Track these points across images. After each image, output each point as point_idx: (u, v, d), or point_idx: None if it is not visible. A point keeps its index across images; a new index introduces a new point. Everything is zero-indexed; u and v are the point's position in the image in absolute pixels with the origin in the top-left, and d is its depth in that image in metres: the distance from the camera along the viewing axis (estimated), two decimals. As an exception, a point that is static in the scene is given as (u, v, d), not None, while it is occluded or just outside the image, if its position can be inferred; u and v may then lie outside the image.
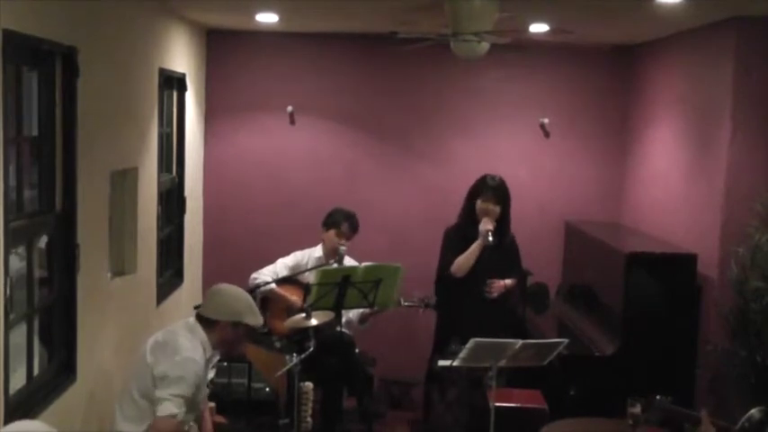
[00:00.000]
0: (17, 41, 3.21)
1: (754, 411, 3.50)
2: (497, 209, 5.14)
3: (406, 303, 5.42)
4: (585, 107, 6.96)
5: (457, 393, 4.95)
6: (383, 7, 5.21)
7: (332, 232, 5.64)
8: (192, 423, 3.93)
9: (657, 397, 3.72)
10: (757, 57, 5.06)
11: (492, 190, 5.15)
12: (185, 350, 3.76)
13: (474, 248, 5.11)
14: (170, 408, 3.64)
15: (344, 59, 6.93)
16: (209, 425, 4.15)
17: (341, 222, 5.63)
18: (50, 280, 3.90)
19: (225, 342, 3.91)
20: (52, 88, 3.80)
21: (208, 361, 3.95)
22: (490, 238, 5.03)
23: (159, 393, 3.67)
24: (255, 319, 3.92)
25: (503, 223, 5.19)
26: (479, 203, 5.15)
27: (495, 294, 5.14)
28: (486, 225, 5.06)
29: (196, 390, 3.79)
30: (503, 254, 5.22)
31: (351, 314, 5.57)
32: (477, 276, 5.14)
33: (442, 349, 5.15)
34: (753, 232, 4.74)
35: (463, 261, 5.13)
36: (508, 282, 5.22)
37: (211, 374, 4.71)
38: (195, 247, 6.75)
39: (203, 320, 3.89)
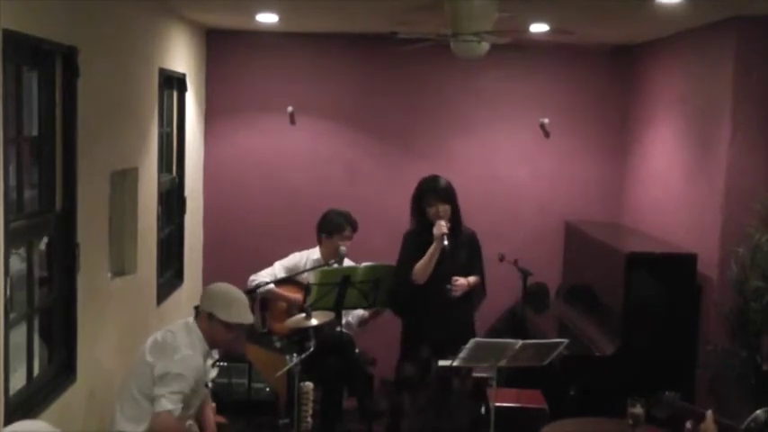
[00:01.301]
0: (17, 41, 3.21)
1: (759, 412, 3.49)
2: (447, 208, 4.98)
3: None
4: (585, 107, 6.96)
5: (427, 398, 4.92)
6: (383, 7, 5.21)
7: (335, 239, 5.58)
8: (191, 422, 3.94)
9: (666, 393, 3.69)
10: (757, 57, 5.06)
11: (435, 192, 5.00)
12: (184, 348, 3.79)
13: (431, 253, 4.94)
14: (165, 404, 3.67)
15: (344, 59, 6.93)
16: (211, 424, 4.15)
17: (343, 227, 5.58)
18: (50, 280, 3.90)
19: (206, 335, 3.89)
20: (52, 88, 3.79)
21: (206, 357, 3.95)
22: (445, 242, 4.87)
23: (157, 391, 3.70)
24: (228, 314, 3.84)
25: (455, 222, 5.03)
26: (428, 209, 4.99)
27: (460, 293, 4.99)
28: (441, 229, 4.89)
29: (195, 386, 3.81)
30: (463, 252, 5.07)
31: (350, 317, 5.57)
32: (438, 277, 4.98)
33: (410, 355, 5.08)
34: (753, 232, 4.74)
35: (422, 267, 4.96)
36: (471, 279, 5.06)
37: (213, 374, 4.70)
38: (195, 247, 6.75)
39: (196, 312, 3.94)
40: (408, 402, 5.11)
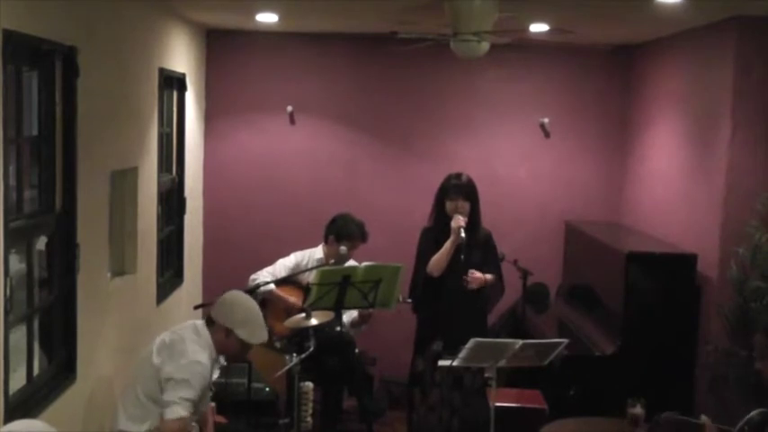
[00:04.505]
0: (17, 41, 3.21)
1: (753, 414, 3.51)
2: (466, 205, 5.11)
3: (408, 300, 5.42)
4: (585, 107, 6.96)
5: (439, 395, 4.94)
6: (383, 7, 5.22)
7: (343, 244, 5.57)
8: (193, 423, 3.94)
9: (663, 413, 3.72)
10: (757, 57, 5.06)
11: (456, 188, 5.13)
12: (192, 353, 3.77)
13: (447, 246, 5.06)
14: (178, 411, 3.65)
15: (344, 59, 6.93)
16: (210, 425, 4.16)
17: (356, 239, 5.57)
18: (50, 280, 3.90)
19: (220, 347, 3.91)
20: (52, 88, 3.79)
21: (214, 362, 3.95)
22: (462, 235, 5.00)
23: (167, 396, 3.68)
24: (250, 334, 3.87)
25: (474, 220, 5.15)
26: (448, 203, 5.13)
27: (476, 285, 5.07)
28: (458, 222, 5.03)
29: (202, 392, 3.80)
30: (479, 251, 5.17)
31: (344, 318, 5.56)
32: (454, 274, 5.08)
33: (422, 350, 5.13)
34: (753, 232, 4.74)
35: (438, 259, 5.09)
36: (489, 276, 5.16)
37: (215, 375, 4.71)
38: (195, 247, 6.75)
39: (208, 320, 3.92)
40: (419, 398, 5.14)
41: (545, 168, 6.99)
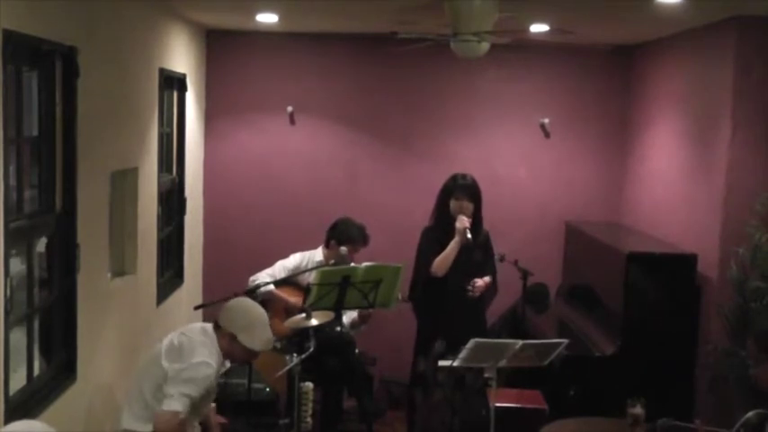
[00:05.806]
0: (17, 41, 3.21)
1: (750, 415, 3.51)
2: (471, 206, 5.14)
3: (407, 300, 5.42)
4: (585, 107, 6.96)
5: (441, 395, 4.95)
6: (383, 7, 5.21)
7: (346, 248, 5.58)
8: (195, 424, 3.94)
9: (659, 420, 3.73)
10: (757, 57, 5.06)
11: (463, 188, 5.16)
12: (201, 354, 3.78)
13: (452, 246, 5.09)
14: (174, 404, 3.64)
15: (344, 59, 6.93)
16: (215, 425, 4.15)
17: (358, 242, 5.58)
18: (50, 280, 3.89)
19: (225, 352, 3.91)
20: (52, 88, 3.79)
21: (221, 365, 3.95)
22: (468, 236, 5.02)
23: (168, 390, 3.68)
24: (252, 340, 3.86)
25: (476, 221, 5.19)
26: (453, 203, 5.15)
27: (479, 294, 5.11)
28: (463, 223, 5.05)
29: (205, 393, 3.81)
30: (480, 251, 5.22)
31: (344, 318, 5.55)
32: (457, 275, 5.11)
33: (424, 351, 5.14)
34: (753, 232, 4.74)
35: (442, 260, 5.11)
36: (487, 280, 5.20)
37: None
38: (195, 247, 6.75)
39: (216, 325, 3.92)
40: (421, 398, 5.15)
41: (545, 168, 6.99)
